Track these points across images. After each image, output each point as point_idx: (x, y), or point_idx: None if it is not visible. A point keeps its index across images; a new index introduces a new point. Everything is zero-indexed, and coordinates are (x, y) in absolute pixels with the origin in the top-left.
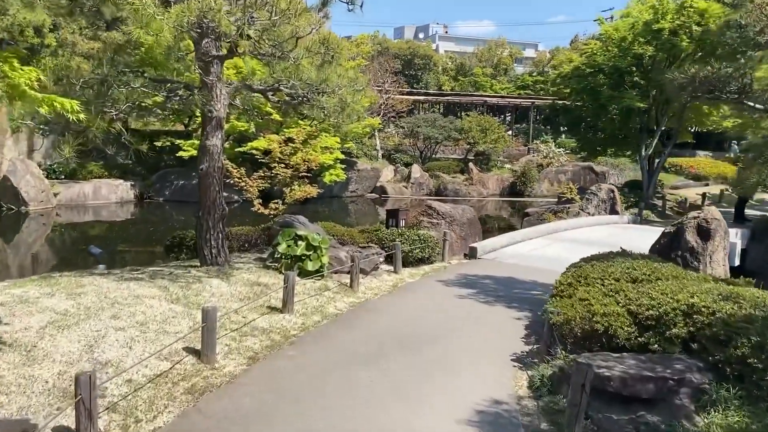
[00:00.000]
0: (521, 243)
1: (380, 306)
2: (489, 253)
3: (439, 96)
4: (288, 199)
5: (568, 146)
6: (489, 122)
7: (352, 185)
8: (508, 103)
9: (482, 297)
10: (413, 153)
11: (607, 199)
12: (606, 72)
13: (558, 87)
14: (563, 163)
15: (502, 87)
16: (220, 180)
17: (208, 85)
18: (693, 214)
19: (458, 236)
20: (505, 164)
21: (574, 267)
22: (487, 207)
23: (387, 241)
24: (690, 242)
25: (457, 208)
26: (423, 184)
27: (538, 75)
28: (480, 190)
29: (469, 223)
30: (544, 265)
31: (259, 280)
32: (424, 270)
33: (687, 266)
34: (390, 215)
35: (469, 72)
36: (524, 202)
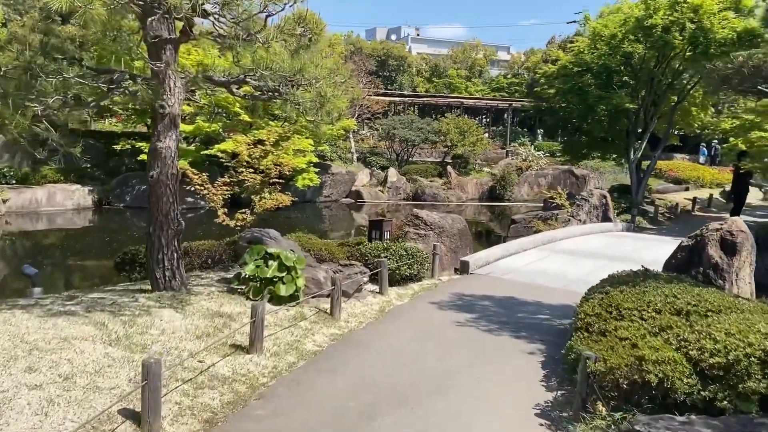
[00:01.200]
0: (516, 255)
1: (367, 339)
2: (482, 268)
3: (415, 97)
4: (257, 208)
5: (546, 149)
6: (467, 124)
7: (326, 190)
8: (485, 105)
9: (484, 324)
10: (389, 156)
11: (599, 205)
12: (594, 71)
13: (542, 87)
14: (543, 166)
15: (477, 89)
16: (175, 189)
17: (159, 75)
18: (714, 226)
19: (448, 249)
20: (484, 167)
21: (599, 293)
22: (466, 212)
23: (371, 256)
24: (713, 258)
25: (446, 218)
26: (400, 188)
27: (513, 77)
28: (459, 194)
29: (460, 234)
30: (546, 281)
31: (222, 309)
32: (412, 289)
33: (710, 285)
34: (373, 227)
35: (444, 74)
36: (504, 206)
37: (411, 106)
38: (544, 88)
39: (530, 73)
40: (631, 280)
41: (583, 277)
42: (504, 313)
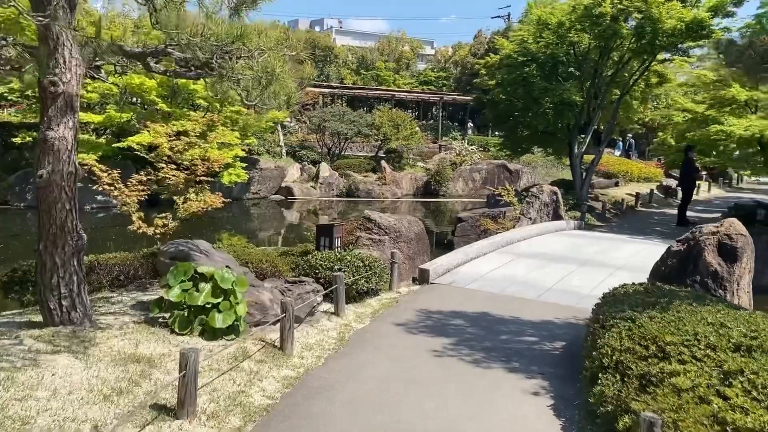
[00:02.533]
0: (478, 260)
1: (330, 382)
2: (443, 276)
3: (346, 89)
4: (181, 212)
5: (478, 143)
6: (401, 117)
7: (254, 186)
8: (417, 98)
9: (466, 352)
10: (320, 150)
11: (549, 202)
12: (540, 62)
13: (482, 78)
14: (477, 161)
15: (405, 82)
16: (74, 192)
17: (49, 40)
18: (710, 229)
19: (406, 256)
20: (418, 162)
21: (623, 320)
22: (401, 208)
23: (322, 269)
24: (712, 265)
25: (402, 221)
26: (333, 184)
27: (441, 71)
28: (394, 190)
29: (417, 238)
30: (518, 291)
31: (139, 351)
32: (371, 307)
33: (711, 295)
34: (321, 233)
35: (371, 66)
36: (440, 202)
37: (340, 98)
38: (484, 79)
39: (458, 67)
40: (649, 298)
41: (557, 286)
42: (484, 335)
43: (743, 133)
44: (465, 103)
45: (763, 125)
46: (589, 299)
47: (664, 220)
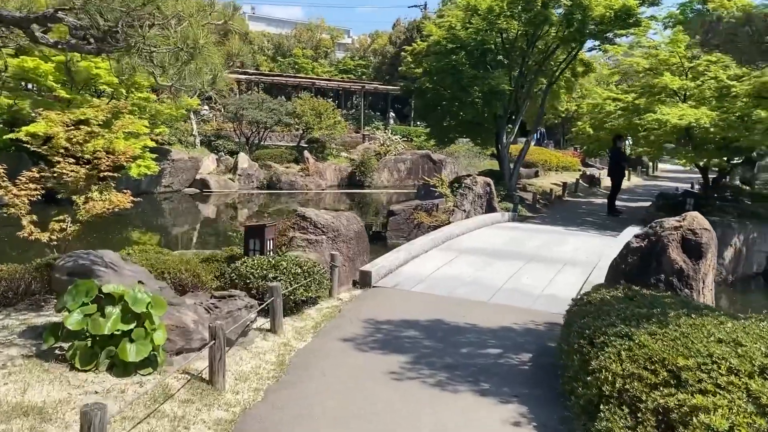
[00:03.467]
0: (420, 258)
1: (272, 424)
2: (386, 278)
3: (264, 76)
4: (82, 214)
5: (400, 133)
6: (324, 106)
7: (166, 178)
8: (338, 86)
9: (427, 372)
10: (238, 140)
11: (483, 194)
12: (468, 49)
13: (408, 66)
14: (401, 151)
15: (324, 70)
16: None
17: None
18: (672, 223)
19: (345, 257)
20: (342, 152)
21: (618, 337)
22: (325, 200)
23: (254, 279)
24: (677, 262)
25: (340, 218)
26: (252, 175)
27: (360, 59)
28: (318, 181)
29: (357, 237)
30: (468, 293)
31: (28, 399)
32: (312, 319)
33: (676, 295)
34: (251, 235)
35: (288, 53)
36: (365, 193)
37: (257, 86)
38: (410, 67)
39: (377, 56)
40: (639, 309)
41: (507, 285)
42: (443, 348)
43: (679, 122)
44: (386, 93)
45: (697, 114)
46: (544, 300)
47: (593, 210)
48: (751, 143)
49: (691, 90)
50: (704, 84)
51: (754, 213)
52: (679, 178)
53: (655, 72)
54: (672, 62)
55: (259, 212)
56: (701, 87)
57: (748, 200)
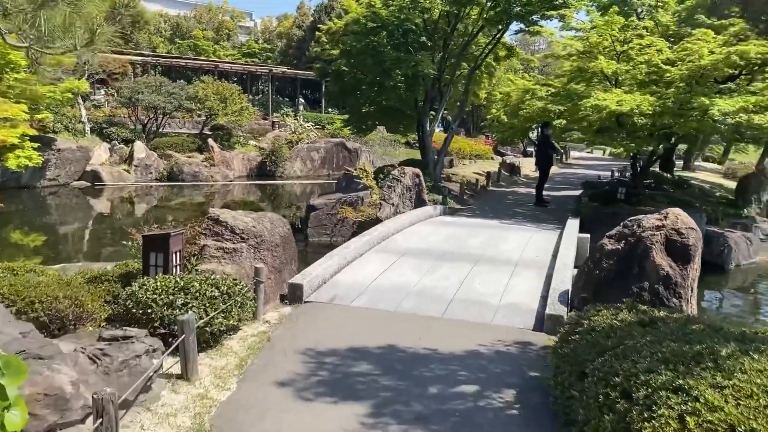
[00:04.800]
0: (357, 263)
1: None
2: (320, 290)
3: (161, 58)
4: None
5: (312, 120)
6: (229, 90)
7: (52, 171)
8: (243, 69)
9: (394, 430)
10: (134, 127)
11: (412, 185)
12: (390, 29)
13: (323, 47)
14: (314, 139)
15: (227, 53)
16: None
17: None
18: (653, 222)
19: (271, 268)
20: (250, 141)
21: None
22: (234, 192)
23: (158, 307)
24: (662, 267)
25: (263, 221)
26: (151, 166)
27: (266, 43)
28: (224, 172)
29: (284, 243)
30: (417, 306)
31: None
32: (235, 354)
33: (662, 305)
34: (151, 247)
35: (188, 35)
36: (277, 184)
37: (154, 68)
38: (326, 48)
39: (283, 39)
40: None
41: (460, 294)
42: (406, 389)
43: (618, 108)
44: (295, 77)
45: (638, 99)
46: (505, 311)
47: (520, 200)
48: (686, 130)
49: (623, 74)
50: (636, 68)
51: (683, 201)
52: (593, 165)
53: (588, 56)
54: (604, 45)
55: (159, 207)
56: (633, 72)
57: (670, 187)
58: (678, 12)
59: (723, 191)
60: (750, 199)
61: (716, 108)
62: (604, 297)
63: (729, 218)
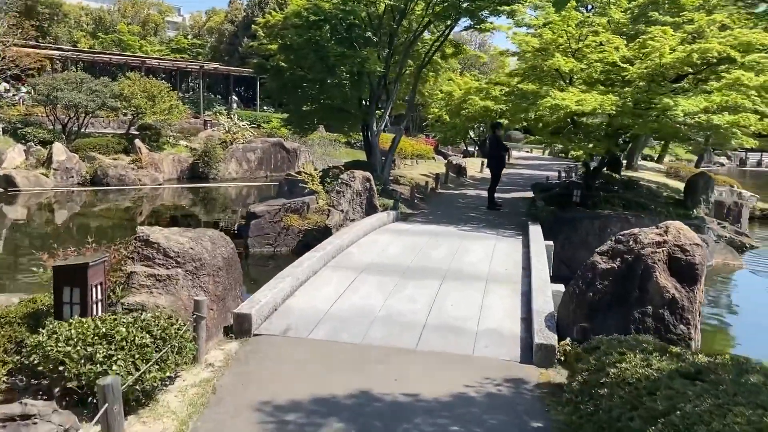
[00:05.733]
0: (311, 283)
1: None
2: (271, 319)
3: (83, 53)
4: None
5: (246, 118)
6: (157, 87)
7: None
8: (173, 66)
9: None
10: (53, 127)
11: (362, 190)
12: (333, 23)
13: (260, 42)
14: (250, 138)
15: (155, 49)
16: None
17: None
18: (652, 237)
19: (213, 296)
20: (181, 141)
21: None
22: (163, 196)
23: (73, 363)
24: (667, 290)
25: (202, 241)
26: (72, 169)
27: (195, 38)
28: (153, 174)
29: (227, 266)
30: (387, 337)
31: None
32: (173, 414)
33: (668, 333)
34: (65, 280)
35: (112, 29)
36: (211, 187)
37: (75, 64)
38: (263, 42)
39: (214, 34)
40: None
41: (433, 319)
42: None
43: (579, 108)
44: (228, 74)
45: (600, 99)
46: (486, 340)
47: (472, 203)
48: (647, 131)
49: (577, 73)
50: (591, 67)
51: (638, 203)
52: (536, 165)
53: (544, 53)
54: (559, 43)
55: (81, 214)
56: (588, 71)
57: (620, 188)
58: (630, 9)
59: (669, 191)
60: (698, 200)
61: (680, 108)
62: (600, 324)
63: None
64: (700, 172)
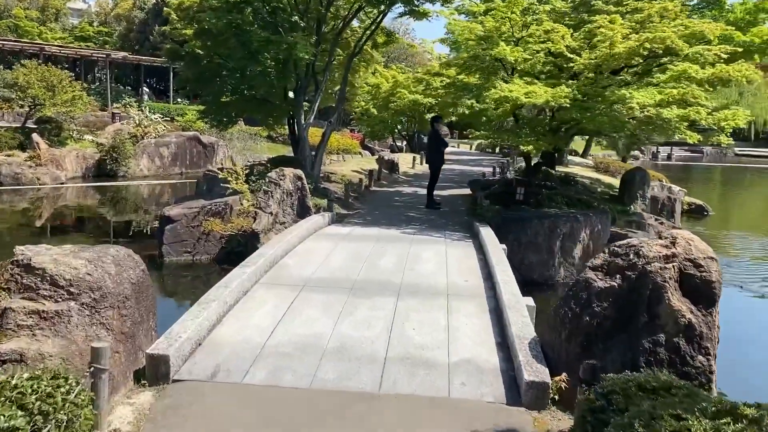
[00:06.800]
0: (242, 307)
1: None
2: (195, 357)
3: None
4: None
5: (159, 111)
6: (57, 76)
7: None
8: (76, 54)
9: None
10: None
11: (293, 190)
12: (255, 5)
13: (173, 27)
14: (163, 132)
15: (56, 36)
16: None
17: None
18: (657, 249)
19: (119, 335)
20: (86, 135)
21: None
22: (66, 196)
23: None
24: (682, 314)
25: (103, 263)
26: None
27: (102, 26)
28: (54, 173)
29: (137, 293)
30: (342, 377)
31: None
32: None
33: (685, 366)
34: None
35: (6, 13)
36: (120, 186)
37: None
38: (176, 27)
39: (122, 22)
40: None
41: (393, 349)
42: None
43: (529, 100)
44: (138, 64)
45: (553, 92)
46: (462, 375)
47: (409, 202)
48: (597, 125)
49: (520, 64)
50: (534, 57)
51: (581, 200)
52: (466, 161)
53: (487, 42)
54: (502, 31)
55: None
56: (532, 61)
57: (558, 185)
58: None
59: (603, 186)
60: (635, 195)
61: (635, 101)
62: (600, 355)
63: (621, 216)
64: (636, 167)
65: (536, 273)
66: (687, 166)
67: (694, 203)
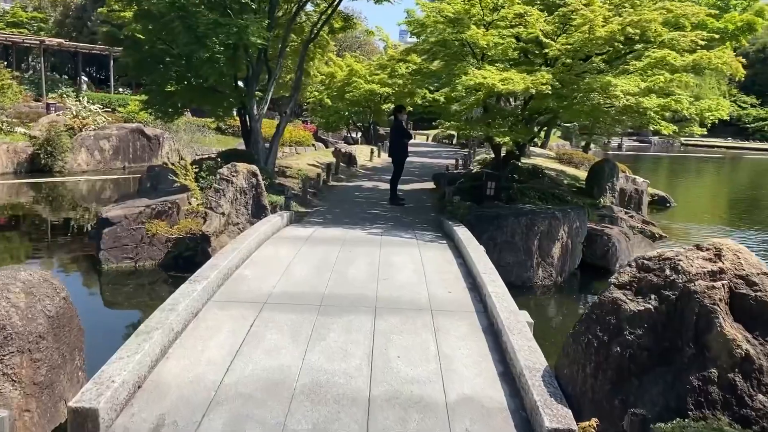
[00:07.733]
0: (191, 334)
1: None
2: (133, 407)
3: None
4: None
5: (99, 101)
6: None
7: None
8: (6, 40)
9: None
10: None
11: (248, 188)
12: None
13: (110, 9)
14: (103, 124)
15: None
16: None
17: None
18: (700, 263)
19: (30, 385)
20: (17, 127)
21: None
22: None
23: None
24: (738, 344)
25: (7, 293)
26: None
27: (37, 11)
28: None
29: (56, 327)
30: (317, 427)
31: None
32: None
33: (743, 408)
34: None
35: None
36: (56, 182)
37: None
38: (114, 9)
39: (58, 7)
40: None
41: (377, 386)
42: None
43: (506, 87)
44: (76, 52)
45: (529, 79)
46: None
47: (372, 198)
48: (576, 115)
49: (491, 49)
50: (505, 41)
51: (554, 195)
52: (425, 153)
53: (457, 25)
54: (473, 13)
55: None
56: (503, 46)
57: (525, 178)
58: None
59: (569, 178)
60: (604, 188)
61: (619, 89)
62: (636, 394)
63: (591, 209)
64: (605, 159)
65: (513, 275)
66: (637, 156)
67: (657, 194)
